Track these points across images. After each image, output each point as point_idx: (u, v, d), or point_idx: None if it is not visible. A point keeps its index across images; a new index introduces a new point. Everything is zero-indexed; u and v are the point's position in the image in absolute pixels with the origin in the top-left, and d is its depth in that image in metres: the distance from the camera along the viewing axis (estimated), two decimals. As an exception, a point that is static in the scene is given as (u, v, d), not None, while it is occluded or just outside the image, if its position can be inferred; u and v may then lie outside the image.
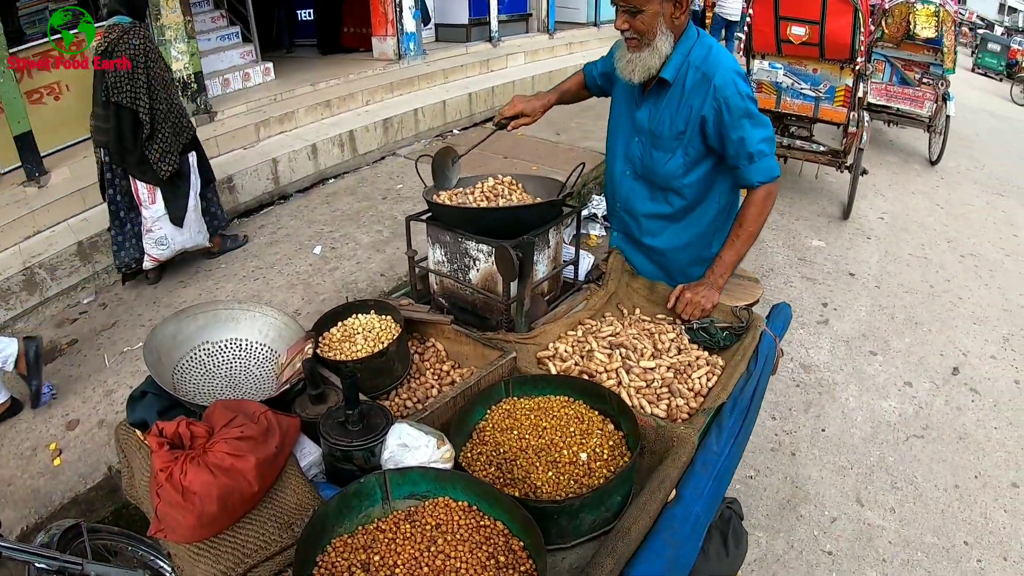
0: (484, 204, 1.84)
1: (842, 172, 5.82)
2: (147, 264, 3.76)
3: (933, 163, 8.11)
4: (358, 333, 1.57)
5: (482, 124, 6.98)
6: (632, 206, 2.08)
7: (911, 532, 2.87)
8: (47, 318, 3.59)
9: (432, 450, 1.10)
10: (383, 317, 1.63)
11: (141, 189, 3.62)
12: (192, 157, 3.79)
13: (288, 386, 1.31)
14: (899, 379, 3.89)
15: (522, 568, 0.98)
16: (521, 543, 1.03)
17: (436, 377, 1.62)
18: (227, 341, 1.56)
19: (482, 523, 1.04)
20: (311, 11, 7.86)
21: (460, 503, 1.08)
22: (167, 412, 1.33)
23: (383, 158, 5.90)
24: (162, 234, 3.69)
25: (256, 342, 1.58)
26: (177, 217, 3.70)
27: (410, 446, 1.09)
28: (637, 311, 1.96)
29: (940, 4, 6.92)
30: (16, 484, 2.51)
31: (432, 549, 0.97)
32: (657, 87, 1.90)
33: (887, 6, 7.18)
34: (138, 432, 1.33)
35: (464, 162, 2.08)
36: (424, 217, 1.92)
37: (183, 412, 1.35)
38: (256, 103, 5.55)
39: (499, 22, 8.57)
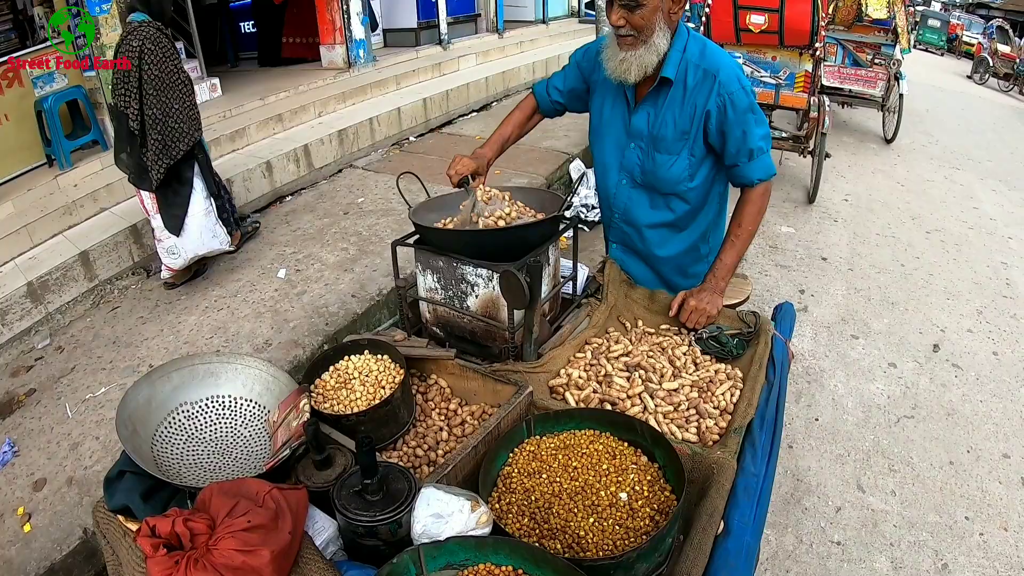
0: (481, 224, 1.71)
1: (804, 157, 5.86)
2: (164, 274, 3.72)
3: (889, 141, 8.28)
4: (354, 379, 1.43)
5: (437, 130, 6.83)
6: (633, 217, 1.99)
7: (914, 513, 2.89)
8: (0, 367, 3.34)
9: (467, 515, 0.97)
10: (379, 357, 1.49)
11: (145, 198, 3.53)
12: (195, 164, 3.61)
13: (288, 452, 1.17)
14: (883, 361, 3.90)
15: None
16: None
17: (443, 418, 1.49)
18: (208, 400, 1.41)
19: (533, 591, 0.92)
20: (253, 23, 7.61)
21: (504, 568, 0.96)
22: (152, 494, 1.17)
23: (340, 171, 5.71)
24: (171, 243, 3.58)
25: (241, 398, 1.42)
26: (173, 226, 3.53)
27: (443, 515, 0.96)
28: (640, 323, 1.87)
29: (891, -17, 7.05)
30: (-15, 556, 2.30)
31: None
32: (656, 88, 1.81)
33: (839, -11, 7.29)
34: (120, 518, 1.17)
35: (425, 168, 1.94)
36: (411, 241, 1.78)
37: (170, 492, 1.20)
38: (206, 121, 5.25)
39: (448, 24, 8.43)
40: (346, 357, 1.50)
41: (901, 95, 7.56)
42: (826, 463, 3.11)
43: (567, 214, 1.90)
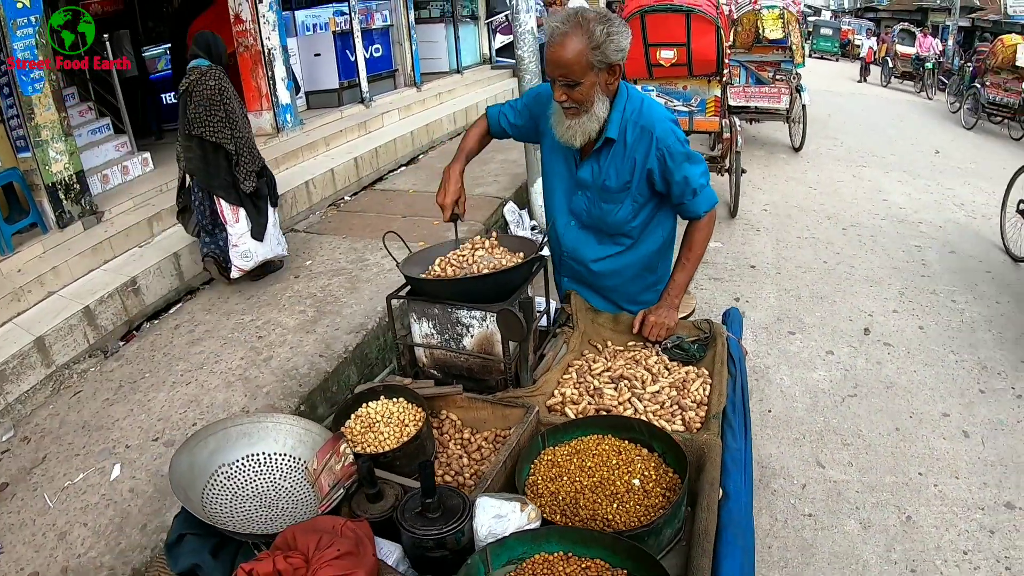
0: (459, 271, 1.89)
1: (722, 175, 6.30)
2: (234, 274, 4.41)
3: (797, 150, 8.94)
4: (378, 422, 1.58)
5: (371, 187, 7.00)
6: (580, 255, 2.23)
7: (872, 478, 3.21)
8: (-34, 465, 3.26)
9: (520, 514, 1.15)
10: (396, 400, 1.65)
11: (225, 209, 4.20)
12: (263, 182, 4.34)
13: (342, 491, 1.31)
14: (821, 350, 4.26)
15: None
16: (624, 572, 1.11)
17: (461, 447, 1.65)
18: (244, 459, 1.52)
19: (584, 565, 1.11)
20: (174, 94, 7.62)
21: (556, 554, 1.14)
22: (218, 552, 1.28)
23: (283, 235, 5.78)
24: (246, 248, 4.32)
25: (275, 453, 1.54)
26: (259, 233, 4.32)
27: (503, 515, 1.14)
28: (609, 343, 2.08)
29: (783, 7, 7.73)
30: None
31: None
32: (599, 146, 2.02)
33: (735, 16, 7.93)
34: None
35: (365, 226, 2.14)
36: (404, 294, 1.94)
37: (234, 548, 1.31)
38: (143, 197, 5.29)
39: (368, 81, 8.64)
40: (365, 404, 1.65)
41: (804, 106, 8.22)
42: (785, 448, 3.39)
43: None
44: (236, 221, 4.23)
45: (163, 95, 7.83)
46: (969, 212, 7.18)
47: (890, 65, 20.04)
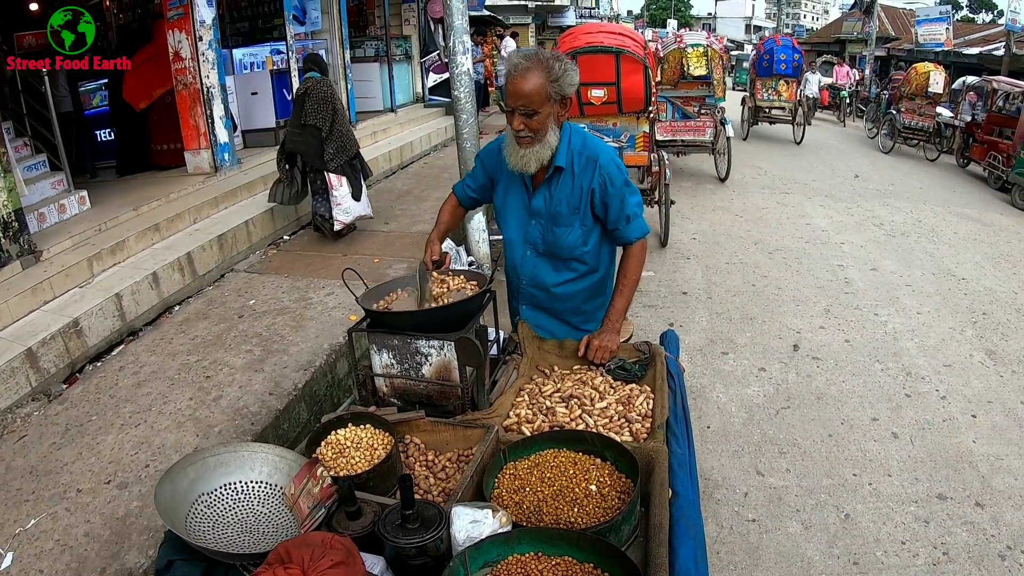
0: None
1: (652, 207, 6.61)
2: (337, 227, 6.04)
3: (723, 180, 9.41)
4: (348, 447, 1.68)
5: (308, 226, 7.04)
6: (540, 280, 2.42)
7: (810, 482, 3.43)
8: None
9: (492, 519, 1.27)
10: (363, 427, 1.75)
11: (332, 178, 5.82)
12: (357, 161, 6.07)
13: (324, 511, 1.40)
14: (753, 367, 4.52)
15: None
16: (591, 565, 1.25)
17: (426, 468, 1.76)
18: (222, 488, 1.59)
19: (553, 563, 1.24)
20: (110, 131, 7.50)
21: (527, 554, 1.27)
22: (209, 574, 1.35)
23: (223, 276, 5.75)
24: (347, 206, 5.98)
25: (252, 481, 1.62)
26: (356, 194, 6.02)
27: (478, 519, 1.26)
28: (556, 368, 2.23)
29: (708, 45, 8.20)
30: None
31: (531, 602, 1.15)
32: (550, 175, 2.24)
33: (661, 54, 8.36)
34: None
35: (306, 266, 2.28)
36: (364, 326, 2.05)
37: (222, 571, 1.38)
38: (81, 236, 5.20)
39: (305, 120, 8.69)
40: (334, 432, 1.75)
41: (728, 137, 8.69)
42: (725, 460, 3.60)
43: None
44: (340, 186, 5.87)
45: (98, 131, 7.68)
46: (889, 231, 7.74)
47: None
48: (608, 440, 1.63)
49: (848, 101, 18.96)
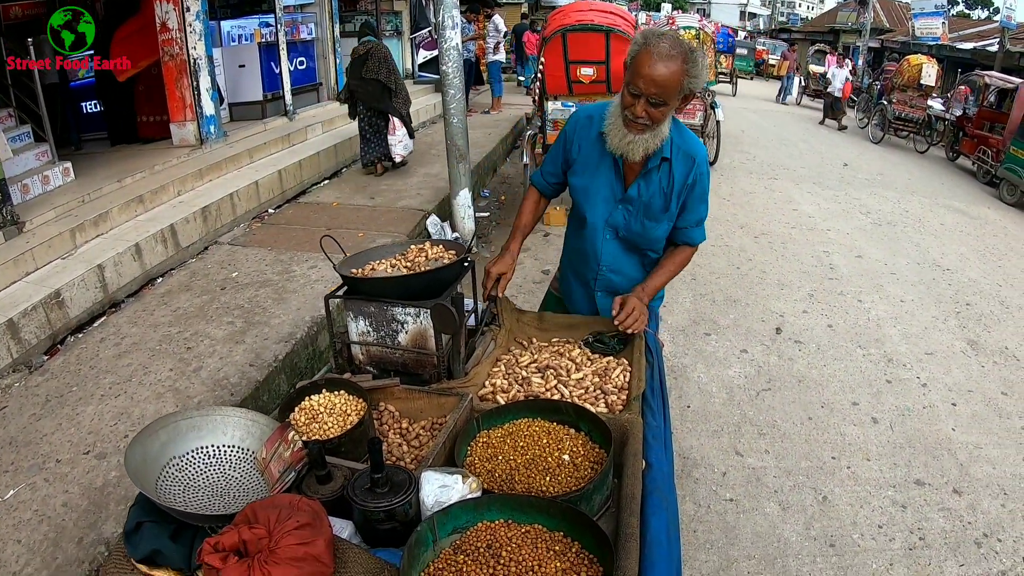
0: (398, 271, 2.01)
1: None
2: (396, 159, 7.41)
3: (711, 164, 9.39)
4: (321, 413, 1.67)
5: (294, 200, 7.00)
6: (619, 267, 2.32)
7: (788, 463, 3.44)
8: None
9: (462, 485, 1.27)
10: (338, 393, 1.74)
11: (395, 122, 7.09)
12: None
13: (294, 475, 1.40)
14: (735, 349, 4.54)
15: (573, 550, 1.19)
16: (561, 533, 1.24)
17: (400, 436, 1.75)
18: (193, 452, 1.58)
19: (523, 530, 1.23)
20: (96, 103, 7.38)
21: (497, 521, 1.26)
22: (177, 536, 1.34)
23: (207, 248, 5.71)
24: (405, 143, 7.27)
25: (224, 445, 1.61)
26: (411, 133, 7.30)
27: (447, 484, 1.26)
28: (534, 340, 2.23)
29: (699, 28, 8.15)
30: None
31: (499, 566, 1.14)
32: (654, 165, 2.11)
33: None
34: (143, 567, 1.32)
35: (291, 239, 2.23)
36: (341, 293, 2.04)
37: (192, 532, 1.37)
38: (64, 207, 5.14)
39: (292, 94, 8.61)
40: (308, 398, 1.74)
41: (718, 122, 8.67)
42: (704, 439, 3.62)
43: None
44: (399, 128, 7.13)
45: (83, 103, 7.55)
46: (875, 219, 7.76)
47: (803, 84, 21.28)
48: (583, 411, 1.63)
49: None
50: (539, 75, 5.97)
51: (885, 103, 13.78)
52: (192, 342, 4.10)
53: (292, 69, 8.64)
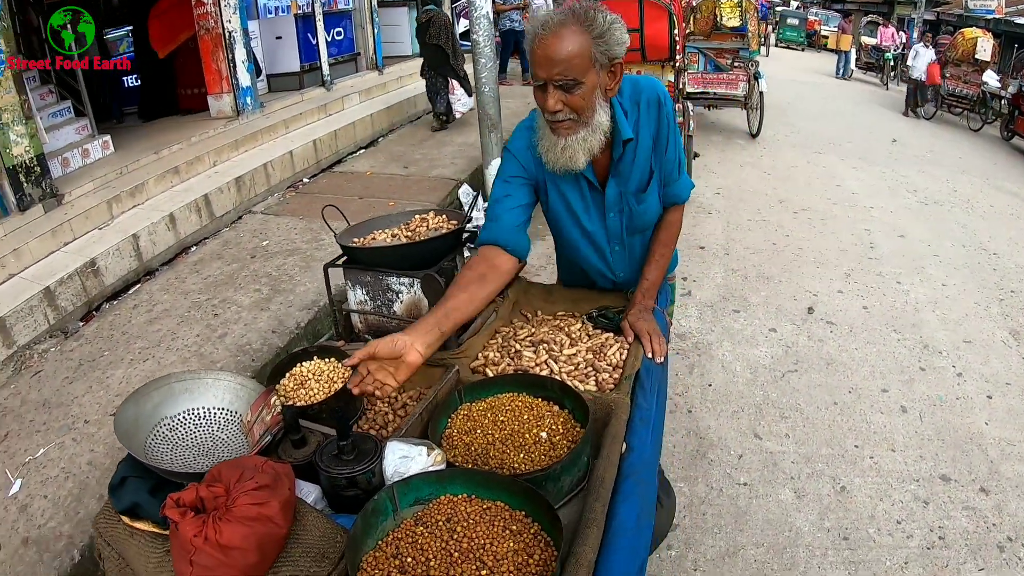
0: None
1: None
2: (457, 115, 8.19)
3: (754, 136, 9.13)
4: (309, 379, 1.68)
5: (329, 169, 7.07)
6: (637, 267, 2.06)
7: (808, 449, 3.30)
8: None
9: (426, 457, 1.26)
10: (328, 360, 1.75)
11: (454, 83, 7.86)
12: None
13: (270, 438, 1.42)
14: (764, 327, 4.42)
15: (531, 531, 1.17)
16: (523, 512, 1.21)
17: (387, 404, 1.76)
18: (185, 412, 1.62)
19: (485, 507, 1.21)
20: (137, 76, 7.56)
21: (460, 496, 1.25)
22: (156, 492, 1.38)
23: (240, 218, 5.83)
24: (464, 100, 7.96)
25: (214, 407, 1.64)
26: (469, 91, 7.74)
27: (409, 456, 1.25)
28: (539, 313, 2.19)
29: (742, -6, 7.88)
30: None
31: (452, 540, 1.13)
32: (616, 152, 1.80)
33: (694, 3, 8.07)
34: (126, 519, 1.36)
35: (319, 206, 2.22)
36: (340, 263, 2.05)
37: (170, 489, 1.41)
38: (103, 179, 5.31)
39: (330, 65, 8.65)
40: (299, 364, 1.75)
41: (761, 93, 8.40)
42: (723, 420, 3.53)
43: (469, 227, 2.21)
44: (457, 88, 7.88)
45: (124, 78, 7.74)
46: (922, 198, 7.44)
47: (856, 56, 20.45)
48: (567, 388, 1.58)
49: (892, 64, 18.14)
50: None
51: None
52: (220, 309, 4.21)
53: (329, 40, 8.68)
